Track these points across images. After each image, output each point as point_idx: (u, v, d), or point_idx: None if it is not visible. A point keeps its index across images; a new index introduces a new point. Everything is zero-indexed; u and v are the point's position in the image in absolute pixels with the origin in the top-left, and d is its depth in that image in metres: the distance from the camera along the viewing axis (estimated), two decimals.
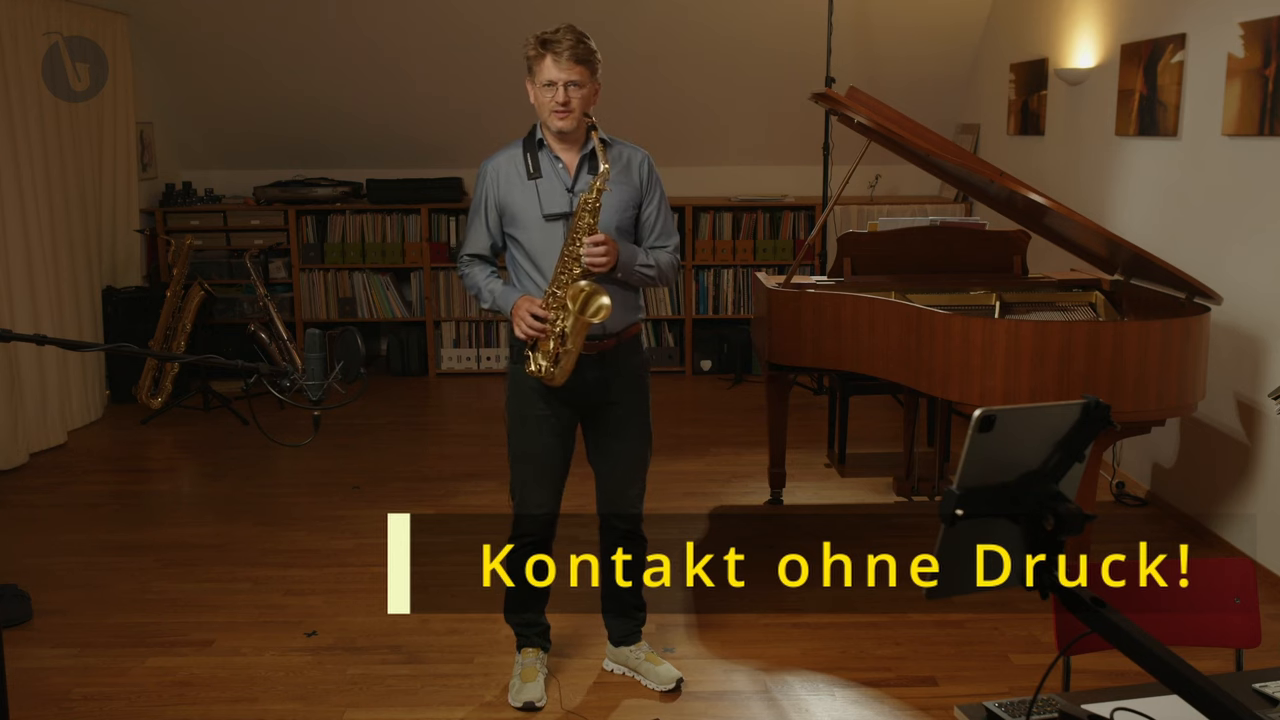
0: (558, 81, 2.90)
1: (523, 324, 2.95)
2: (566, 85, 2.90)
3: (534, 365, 3.00)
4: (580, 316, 2.90)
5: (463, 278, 3.19)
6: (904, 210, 6.65)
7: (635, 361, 3.16)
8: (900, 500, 4.90)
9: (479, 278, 3.13)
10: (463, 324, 7.31)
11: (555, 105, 2.92)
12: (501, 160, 3.06)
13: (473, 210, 3.13)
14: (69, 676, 3.42)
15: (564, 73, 2.89)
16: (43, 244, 5.74)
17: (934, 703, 3.23)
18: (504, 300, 3.06)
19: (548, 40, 2.90)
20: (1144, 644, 1.57)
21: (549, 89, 2.92)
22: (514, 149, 3.07)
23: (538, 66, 2.93)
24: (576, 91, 2.91)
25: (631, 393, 3.16)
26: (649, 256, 3.08)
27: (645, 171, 3.09)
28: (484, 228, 3.11)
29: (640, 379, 3.18)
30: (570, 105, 2.92)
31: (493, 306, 3.10)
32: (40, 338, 2.20)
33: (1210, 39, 4.30)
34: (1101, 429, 1.63)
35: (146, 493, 5.22)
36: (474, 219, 3.12)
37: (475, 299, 3.17)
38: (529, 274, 3.05)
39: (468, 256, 3.16)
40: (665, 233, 3.14)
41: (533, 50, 2.93)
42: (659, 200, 3.12)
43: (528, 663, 3.28)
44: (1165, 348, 3.57)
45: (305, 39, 6.70)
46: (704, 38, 6.72)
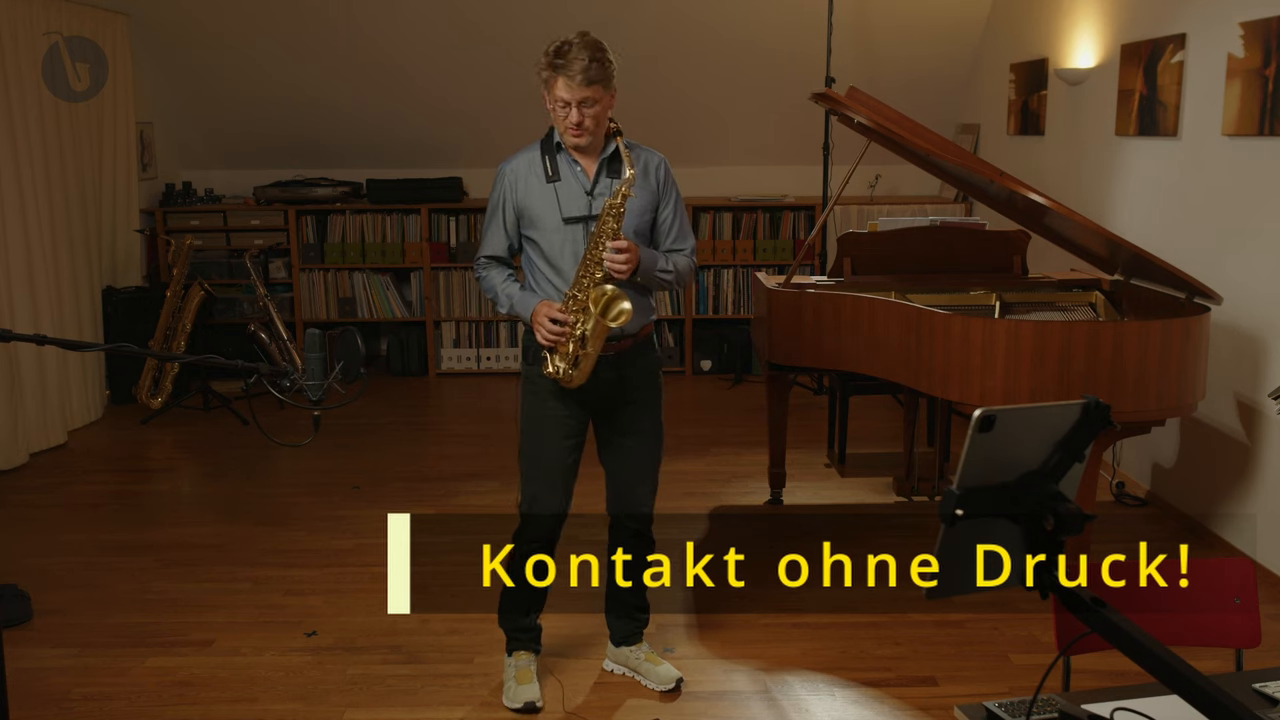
0: (570, 102, 2.88)
1: (543, 330, 2.96)
2: (579, 105, 2.89)
3: (552, 367, 3.01)
4: (601, 320, 2.91)
5: (480, 280, 3.17)
6: (904, 210, 6.65)
7: (649, 360, 3.18)
8: (900, 500, 4.90)
9: (496, 281, 3.12)
10: (463, 324, 7.31)
11: (570, 126, 2.92)
12: (520, 162, 3.05)
13: (490, 212, 3.11)
14: (69, 676, 3.42)
15: (576, 94, 2.87)
16: (43, 244, 5.74)
17: (934, 703, 3.23)
18: (522, 306, 3.05)
19: (558, 63, 2.85)
20: (1144, 644, 1.57)
21: (563, 109, 2.91)
22: (532, 151, 3.06)
23: (550, 86, 2.90)
24: (590, 110, 2.90)
25: (645, 390, 3.17)
26: (667, 261, 3.09)
27: (662, 175, 3.10)
28: (501, 230, 3.09)
29: (654, 377, 3.20)
30: (584, 125, 2.91)
31: (510, 311, 3.09)
32: (40, 338, 2.20)
33: (1210, 39, 4.30)
34: (1101, 429, 1.63)
35: (146, 493, 5.22)
36: (491, 221, 3.10)
37: (492, 302, 3.16)
38: (546, 276, 3.05)
39: (485, 259, 3.14)
40: (682, 235, 3.16)
41: (545, 72, 2.89)
42: (675, 203, 3.14)
43: (521, 665, 3.27)
44: (1165, 348, 3.57)
45: (306, 39, 6.70)
46: (704, 38, 6.72)
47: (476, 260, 3.17)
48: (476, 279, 3.23)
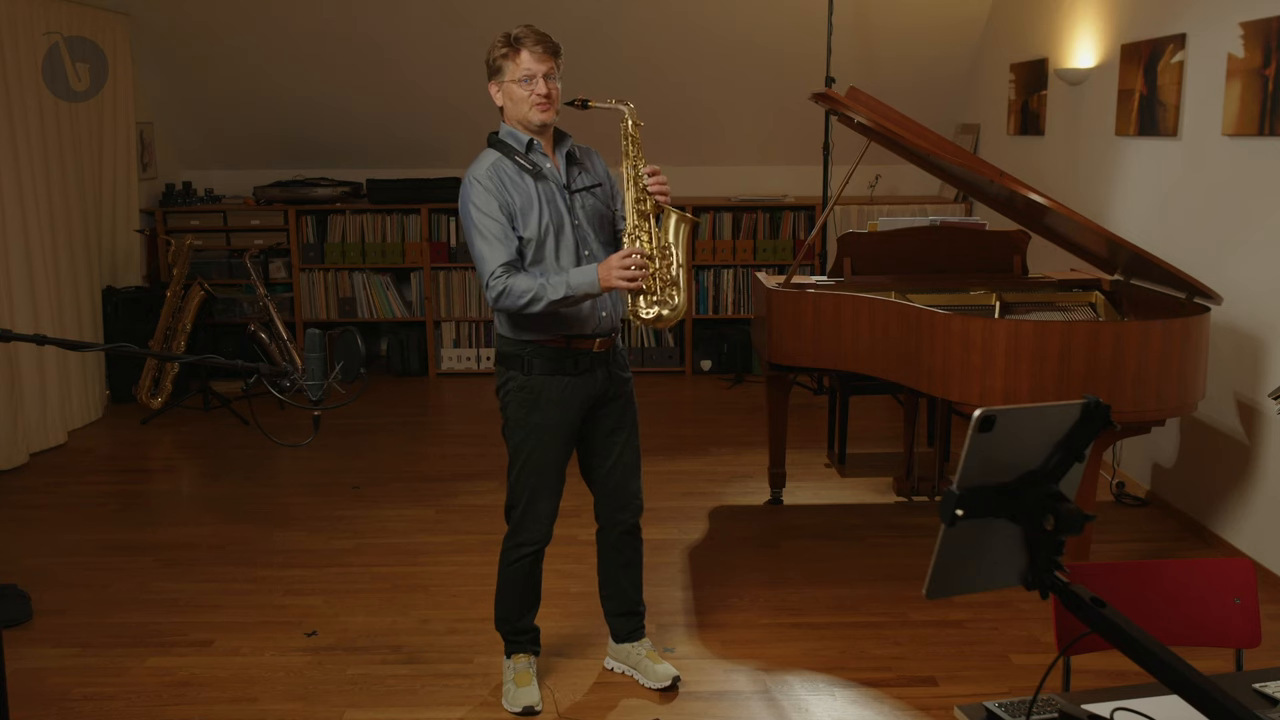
0: (536, 74, 2.93)
1: (626, 274, 2.83)
2: (544, 77, 2.94)
3: (646, 311, 2.93)
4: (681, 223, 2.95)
5: (505, 294, 2.87)
6: (904, 210, 6.65)
7: (622, 354, 3.23)
8: (900, 500, 4.90)
9: (530, 282, 2.88)
10: (463, 324, 7.31)
11: (537, 98, 2.94)
12: (489, 168, 2.97)
13: (483, 223, 2.91)
14: (69, 676, 3.42)
15: (541, 64, 2.93)
16: (43, 244, 5.74)
17: (934, 703, 3.23)
18: (581, 277, 2.86)
19: (518, 37, 2.93)
20: (1144, 644, 1.57)
21: (527, 84, 2.93)
22: (492, 156, 2.99)
23: (512, 63, 2.94)
24: (555, 83, 2.96)
25: (628, 385, 3.22)
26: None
27: (605, 167, 3.20)
28: (504, 232, 2.94)
29: (628, 370, 3.25)
30: (552, 96, 2.95)
31: (567, 295, 2.86)
32: (40, 338, 2.20)
33: (1210, 39, 4.30)
34: (1101, 429, 1.63)
35: (146, 493, 5.22)
36: (488, 231, 2.91)
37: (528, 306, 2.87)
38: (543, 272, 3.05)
39: (500, 268, 2.89)
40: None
41: (503, 49, 2.94)
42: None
43: (520, 667, 3.26)
44: (1165, 348, 3.57)
45: (305, 39, 6.70)
46: (704, 38, 6.72)
47: (492, 276, 2.89)
48: (499, 295, 2.88)
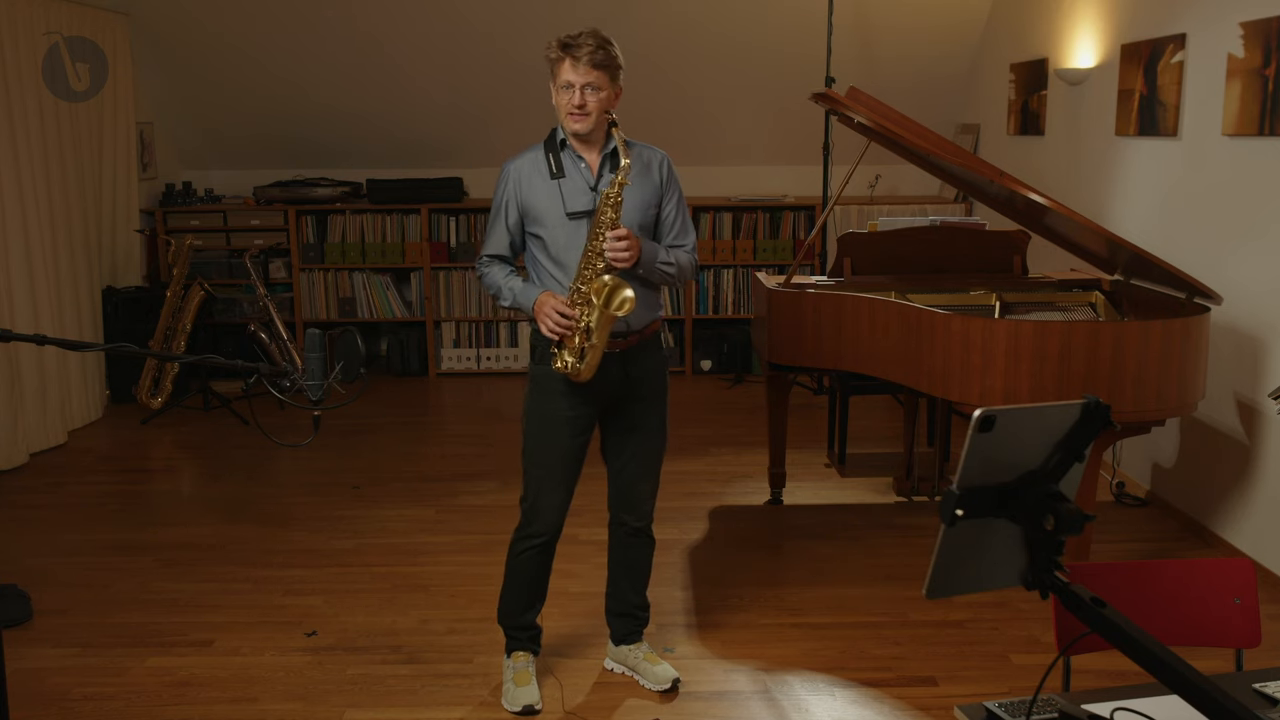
0: (574, 84, 2.92)
1: (548, 321, 2.97)
2: (583, 88, 2.93)
3: (560, 362, 3.01)
4: (605, 310, 2.92)
5: (481, 277, 3.19)
6: (904, 210, 6.64)
7: (657, 358, 3.20)
8: (900, 500, 4.90)
9: (498, 276, 3.13)
10: (463, 324, 7.31)
11: (571, 108, 2.95)
12: (524, 161, 3.08)
13: (493, 211, 3.13)
14: (69, 676, 3.42)
15: (581, 76, 2.91)
16: (43, 244, 5.74)
17: (934, 703, 3.23)
18: (524, 298, 3.06)
19: (568, 44, 2.92)
20: (1144, 644, 1.57)
21: (566, 91, 2.94)
22: (536, 150, 3.09)
23: (557, 68, 2.95)
24: (593, 95, 2.94)
25: (652, 387, 3.19)
26: (669, 254, 3.11)
27: (665, 171, 3.14)
28: (504, 228, 3.11)
29: (661, 375, 3.22)
30: (586, 108, 2.94)
31: (513, 304, 3.09)
32: (40, 338, 2.20)
33: (1210, 39, 4.30)
34: (1101, 429, 1.63)
35: (146, 493, 5.22)
36: (494, 220, 3.12)
37: (494, 298, 3.16)
38: (550, 273, 3.07)
39: (487, 257, 3.16)
40: (684, 231, 3.18)
41: (553, 53, 2.96)
42: (678, 199, 3.17)
43: (519, 666, 3.27)
44: (1165, 348, 3.57)
45: (305, 39, 6.70)
46: (704, 38, 6.72)
47: (479, 259, 3.19)
48: (478, 277, 3.26)
